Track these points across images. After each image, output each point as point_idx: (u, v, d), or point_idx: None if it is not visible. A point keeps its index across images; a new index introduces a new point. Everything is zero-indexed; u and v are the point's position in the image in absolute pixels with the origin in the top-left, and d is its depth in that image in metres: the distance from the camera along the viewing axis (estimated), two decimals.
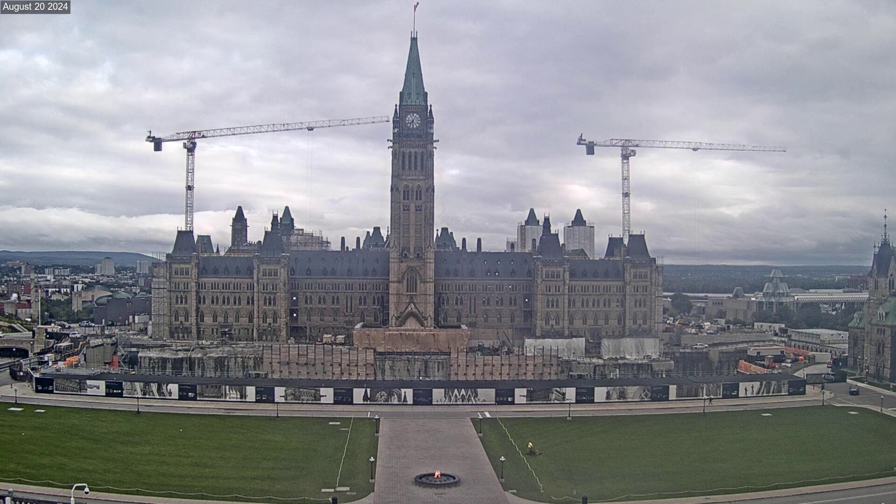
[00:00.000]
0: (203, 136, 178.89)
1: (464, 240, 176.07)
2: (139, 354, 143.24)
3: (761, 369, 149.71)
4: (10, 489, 66.52)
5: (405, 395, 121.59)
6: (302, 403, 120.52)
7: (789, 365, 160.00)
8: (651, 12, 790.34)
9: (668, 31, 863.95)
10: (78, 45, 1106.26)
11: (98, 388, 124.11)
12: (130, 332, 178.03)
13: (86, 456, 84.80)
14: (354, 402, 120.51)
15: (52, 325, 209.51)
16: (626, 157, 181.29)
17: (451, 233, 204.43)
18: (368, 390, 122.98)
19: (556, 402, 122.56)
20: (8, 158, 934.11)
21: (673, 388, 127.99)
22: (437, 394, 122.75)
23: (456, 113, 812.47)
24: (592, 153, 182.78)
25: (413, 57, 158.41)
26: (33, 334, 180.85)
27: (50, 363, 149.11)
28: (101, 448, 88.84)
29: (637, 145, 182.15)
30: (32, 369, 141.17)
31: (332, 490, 73.45)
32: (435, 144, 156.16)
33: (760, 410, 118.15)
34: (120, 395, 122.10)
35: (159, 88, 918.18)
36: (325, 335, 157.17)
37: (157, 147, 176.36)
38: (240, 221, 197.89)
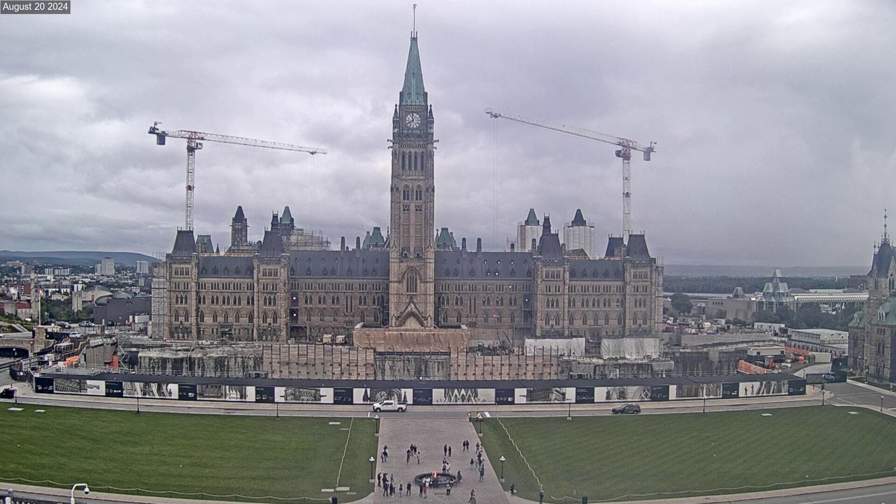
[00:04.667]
0: (202, 139, 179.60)
1: (464, 240, 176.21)
2: (139, 354, 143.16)
3: (761, 369, 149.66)
4: (10, 489, 66.49)
5: (405, 395, 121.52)
6: (302, 403, 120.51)
7: (789, 365, 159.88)
8: None
9: None
10: None
11: (98, 388, 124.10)
12: (130, 332, 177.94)
13: (86, 456, 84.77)
14: (354, 402, 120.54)
15: (52, 325, 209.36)
16: (626, 157, 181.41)
17: (451, 233, 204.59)
18: (368, 390, 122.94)
19: (556, 402, 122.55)
20: None
21: (673, 388, 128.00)
22: (437, 394, 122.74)
23: None
24: None
25: (413, 57, 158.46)
26: (33, 334, 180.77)
27: (50, 363, 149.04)
28: (101, 448, 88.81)
29: None
30: (32, 369, 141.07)
31: (332, 490, 73.45)
32: (435, 144, 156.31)
33: (760, 410, 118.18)
34: (120, 395, 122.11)
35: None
36: (325, 335, 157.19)
37: (161, 141, 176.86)
38: (240, 221, 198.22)
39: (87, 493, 61.53)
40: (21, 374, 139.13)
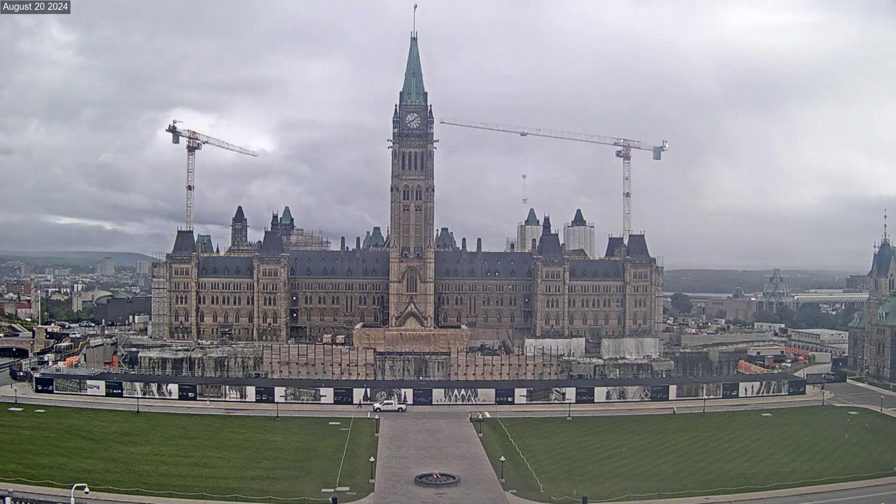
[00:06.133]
0: (205, 142, 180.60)
1: (464, 240, 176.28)
2: (139, 354, 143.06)
3: (761, 369, 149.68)
4: (10, 489, 66.50)
5: (405, 395, 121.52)
6: (302, 403, 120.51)
7: (789, 365, 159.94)
8: None
9: None
10: None
11: (98, 388, 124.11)
12: (130, 332, 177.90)
13: (86, 456, 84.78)
14: (354, 402, 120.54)
15: (52, 325, 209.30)
16: (626, 157, 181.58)
17: (451, 233, 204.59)
18: (368, 390, 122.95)
19: (556, 402, 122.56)
20: None
21: (673, 388, 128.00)
22: (437, 394, 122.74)
23: None
24: None
25: (413, 57, 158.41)
26: (33, 334, 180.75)
27: (50, 363, 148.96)
28: (101, 448, 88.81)
29: None
30: (32, 369, 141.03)
31: (332, 490, 73.46)
32: (435, 144, 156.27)
33: (760, 410, 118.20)
34: (120, 395, 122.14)
35: None
36: (325, 335, 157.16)
37: (176, 140, 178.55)
38: (240, 221, 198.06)
39: (87, 493, 61.55)
40: (21, 374, 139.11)
